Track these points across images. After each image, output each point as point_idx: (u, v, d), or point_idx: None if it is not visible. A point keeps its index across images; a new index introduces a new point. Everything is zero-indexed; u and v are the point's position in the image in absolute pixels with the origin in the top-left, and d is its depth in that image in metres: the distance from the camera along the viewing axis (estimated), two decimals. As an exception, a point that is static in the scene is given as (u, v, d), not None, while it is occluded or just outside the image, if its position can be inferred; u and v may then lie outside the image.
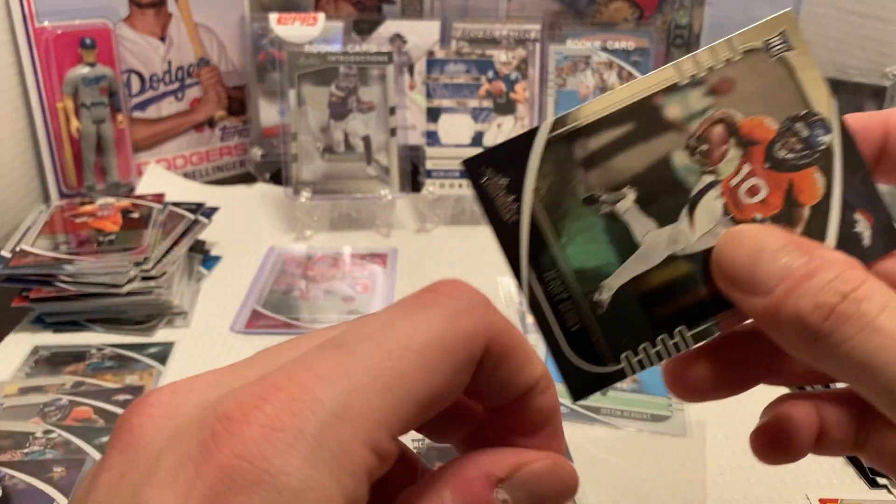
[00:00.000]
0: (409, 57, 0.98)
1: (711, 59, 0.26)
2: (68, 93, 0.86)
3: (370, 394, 0.19)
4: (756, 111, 0.26)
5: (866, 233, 0.26)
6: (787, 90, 0.26)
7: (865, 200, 0.26)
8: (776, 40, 0.27)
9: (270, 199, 0.94)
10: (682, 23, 1.03)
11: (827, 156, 0.26)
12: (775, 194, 0.26)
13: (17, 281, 0.67)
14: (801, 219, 0.26)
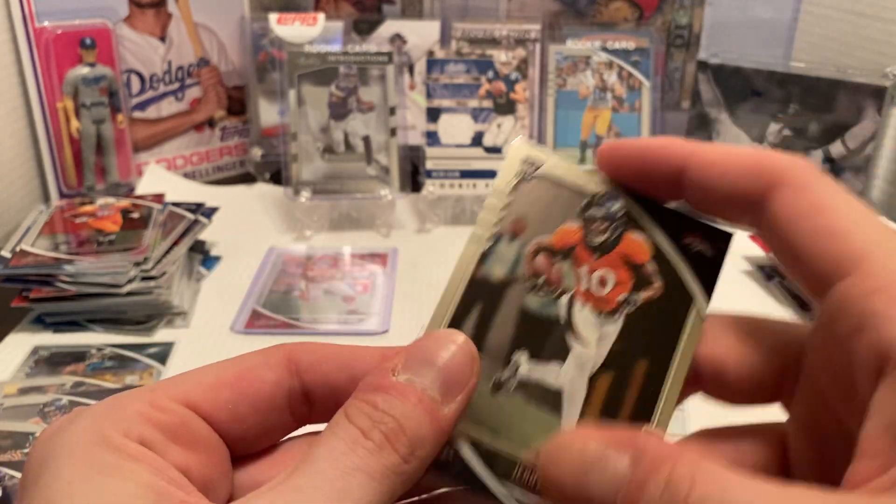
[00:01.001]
0: (409, 57, 0.98)
1: (492, 216, 0.28)
2: (68, 93, 0.86)
3: (148, 385, 0.24)
4: (555, 225, 0.28)
5: (702, 246, 0.27)
6: (563, 194, 0.28)
7: (682, 224, 0.27)
8: (526, 167, 0.28)
9: (270, 199, 0.94)
10: (682, 23, 1.03)
11: (629, 216, 0.27)
12: (620, 272, 0.27)
13: (17, 281, 0.67)
14: (653, 273, 0.27)
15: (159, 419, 0.22)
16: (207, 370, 0.24)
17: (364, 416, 0.22)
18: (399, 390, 0.23)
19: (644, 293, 0.27)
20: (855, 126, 0.82)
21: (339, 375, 0.25)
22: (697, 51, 1.03)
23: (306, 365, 0.25)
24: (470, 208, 0.91)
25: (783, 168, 0.23)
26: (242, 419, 0.24)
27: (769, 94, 0.86)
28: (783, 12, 1.00)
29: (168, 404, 0.23)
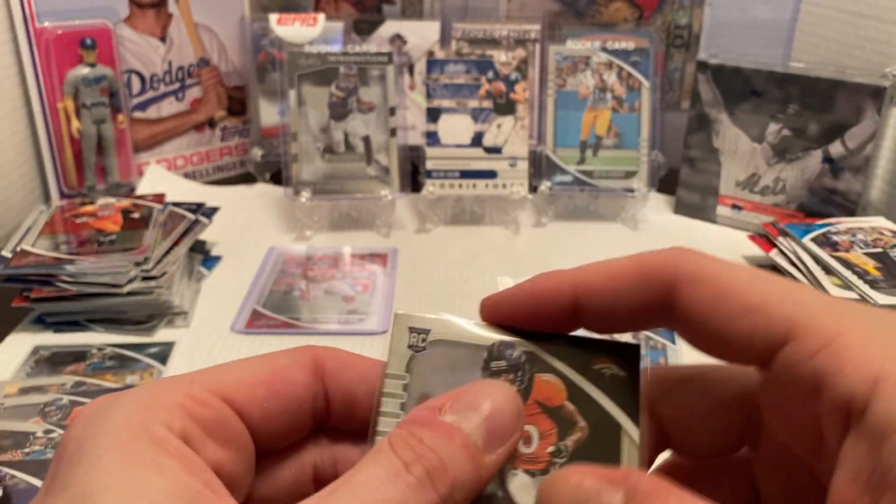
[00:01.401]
0: (409, 57, 0.98)
1: (396, 400, 0.26)
2: (69, 93, 0.86)
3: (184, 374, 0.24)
4: None
5: (613, 368, 0.26)
6: (461, 354, 0.26)
7: (586, 350, 0.26)
8: (414, 338, 0.26)
9: (271, 199, 0.94)
10: (682, 23, 1.03)
11: (532, 358, 0.26)
12: (541, 422, 0.26)
13: (17, 281, 0.67)
14: (574, 413, 0.26)
15: (199, 413, 0.23)
16: (242, 365, 0.25)
17: (408, 449, 0.22)
18: (445, 430, 0.23)
19: (571, 437, 0.26)
20: (854, 126, 0.82)
21: (359, 386, 0.26)
22: (697, 51, 1.03)
23: (331, 370, 0.26)
24: (470, 208, 0.91)
25: (669, 267, 0.23)
26: (273, 418, 0.25)
27: (768, 95, 0.86)
28: (783, 12, 1.00)
29: (207, 398, 0.23)
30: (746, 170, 0.90)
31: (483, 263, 0.81)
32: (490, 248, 0.85)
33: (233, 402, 0.24)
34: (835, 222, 0.79)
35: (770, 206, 0.89)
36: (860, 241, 0.75)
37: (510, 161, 0.88)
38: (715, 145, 0.91)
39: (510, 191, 0.88)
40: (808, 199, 0.87)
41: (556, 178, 0.90)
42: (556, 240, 0.88)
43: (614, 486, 0.22)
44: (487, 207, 0.90)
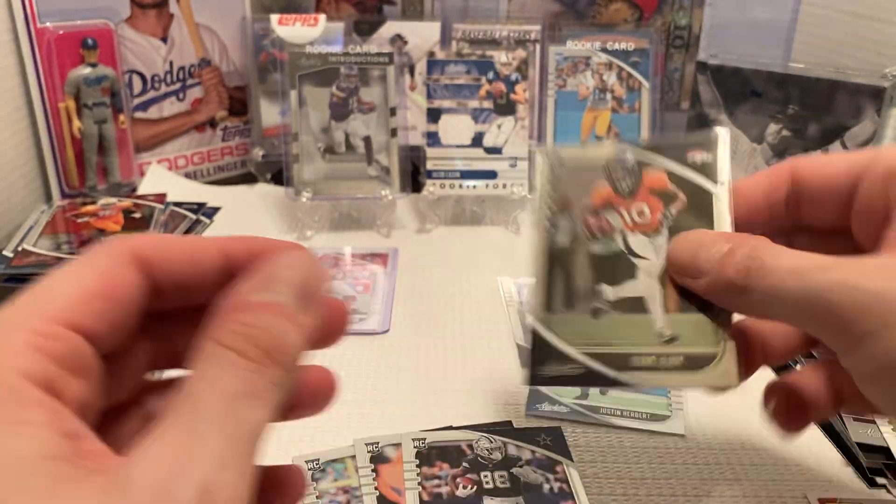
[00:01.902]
0: (410, 58, 0.99)
1: (542, 204, 0.39)
2: (70, 93, 0.86)
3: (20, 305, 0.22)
4: (590, 191, 0.38)
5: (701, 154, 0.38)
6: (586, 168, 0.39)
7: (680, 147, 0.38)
8: (553, 160, 0.39)
9: (271, 199, 0.94)
10: (682, 24, 1.03)
11: (640, 160, 0.38)
12: (651, 200, 0.37)
13: (18, 281, 0.67)
14: (675, 190, 0.37)
15: (52, 349, 0.21)
16: (68, 279, 0.23)
17: (237, 337, 0.22)
18: (261, 307, 0.23)
19: (674, 206, 0.37)
20: (854, 127, 0.82)
21: (185, 269, 0.25)
22: (697, 52, 1.03)
23: (154, 261, 0.25)
24: (470, 208, 0.91)
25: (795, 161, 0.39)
26: (116, 327, 0.24)
27: (768, 95, 0.86)
28: (782, 13, 1.00)
29: (55, 330, 0.22)
30: (746, 170, 0.90)
31: (483, 263, 0.81)
32: (490, 248, 0.85)
33: (77, 325, 0.22)
34: (834, 223, 0.79)
35: (770, 207, 0.89)
36: (859, 241, 0.75)
37: (510, 161, 0.88)
38: (715, 146, 0.91)
39: (510, 191, 0.88)
40: (808, 199, 0.87)
41: (556, 178, 0.90)
42: (556, 240, 0.88)
43: (725, 240, 0.33)
44: (487, 207, 0.90)
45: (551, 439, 0.44)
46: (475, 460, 0.40)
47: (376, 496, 0.50)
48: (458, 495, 0.37)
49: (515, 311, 0.71)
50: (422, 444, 0.43)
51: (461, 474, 0.38)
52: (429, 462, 0.38)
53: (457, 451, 0.40)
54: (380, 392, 0.60)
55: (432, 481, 0.38)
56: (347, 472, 0.52)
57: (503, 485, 0.38)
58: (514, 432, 0.44)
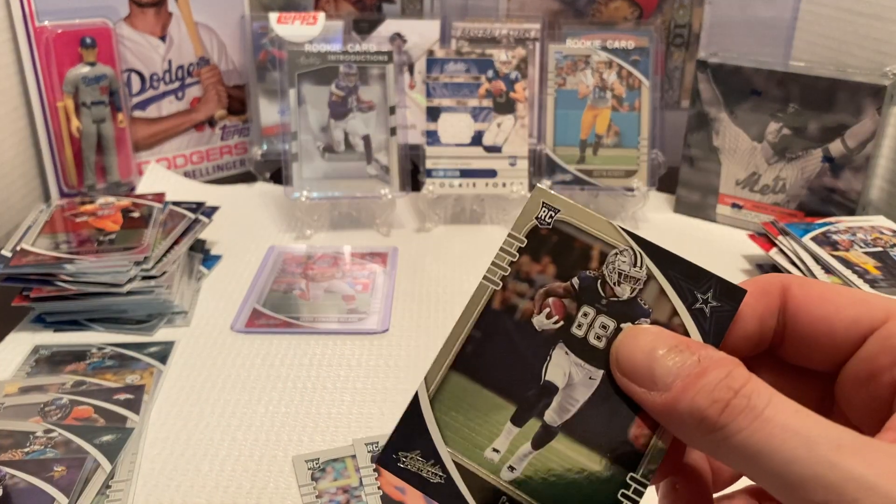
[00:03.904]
0: (409, 56, 0.98)
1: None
2: (69, 92, 0.86)
3: None
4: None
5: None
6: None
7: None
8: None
9: (271, 198, 0.94)
10: (682, 22, 1.03)
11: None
12: None
13: (17, 280, 0.67)
14: None
15: None
16: None
17: None
18: None
19: None
20: (854, 125, 0.82)
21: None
22: (697, 50, 1.03)
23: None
24: (469, 207, 0.91)
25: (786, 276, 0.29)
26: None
27: (768, 94, 0.86)
28: (783, 11, 1.00)
29: None
30: (746, 169, 0.90)
31: (483, 263, 0.80)
32: (490, 248, 0.84)
33: None
34: (835, 221, 0.79)
35: (770, 205, 0.89)
36: (860, 240, 0.75)
37: (510, 160, 0.88)
38: (715, 144, 0.91)
39: (510, 190, 0.88)
40: (808, 198, 0.87)
41: (555, 176, 0.90)
42: (556, 239, 0.87)
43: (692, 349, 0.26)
44: (487, 206, 0.90)
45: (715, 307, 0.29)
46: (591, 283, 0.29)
47: (380, 496, 0.50)
48: (534, 322, 0.28)
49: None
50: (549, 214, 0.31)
51: (559, 295, 0.28)
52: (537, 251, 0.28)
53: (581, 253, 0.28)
54: (379, 392, 0.60)
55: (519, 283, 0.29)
56: (347, 471, 0.52)
57: (597, 341, 0.28)
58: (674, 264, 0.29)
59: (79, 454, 0.52)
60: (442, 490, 0.27)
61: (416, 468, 0.27)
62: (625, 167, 0.90)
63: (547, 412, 0.28)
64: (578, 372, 0.28)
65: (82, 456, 0.52)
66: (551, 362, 0.28)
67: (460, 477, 0.27)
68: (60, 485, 0.49)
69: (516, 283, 0.29)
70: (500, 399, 0.28)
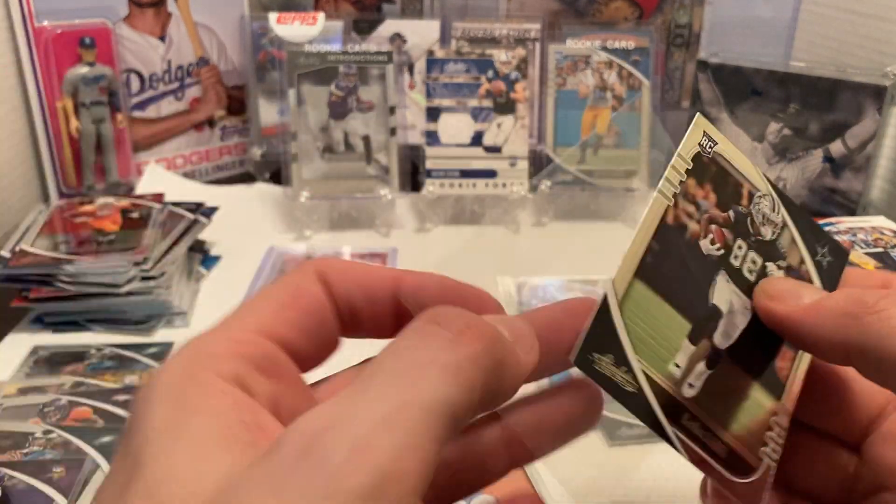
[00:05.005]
0: (409, 56, 0.98)
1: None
2: (68, 92, 0.86)
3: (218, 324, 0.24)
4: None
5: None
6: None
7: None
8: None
9: (270, 198, 0.94)
10: (682, 22, 1.03)
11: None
12: None
13: (16, 281, 0.67)
14: None
15: (246, 352, 0.22)
16: (263, 298, 0.25)
17: (444, 315, 0.22)
18: (486, 324, 0.22)
19: None
20: (855, 125, 0.82)
21: (358, 293, 0.26)
22: (697, 50, 1.03)
23: (332, 280, 0.26)
24: (470, 208, 0.91)
25: None
26: (309, 336, 0.25)
27: (769, 94, 0.85)
28: (783, 11, 1.00)
29: (250, 336, 0.23)
30: (747, 169, 0.90)
31: (483, 263, 0.80)
32: (490, 248, 0.84)
33: (271, 333, 0.24)
34: (835, 222, 0.79)
35: (770, 206, 0.89)
36: (861, 240, 0.75)
37: (510, 160, 0.88)
38: (715, 144, 0.90)
39: (510, 190, 0.88)
40: (809, 198, 0.86)
41: (556, 177, 0.90)
42: (556, 239, 0.87)
43: None
44: (487, 207, 0.90)
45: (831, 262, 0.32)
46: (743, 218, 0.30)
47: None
48: (701, 244, 0.29)
49: (516, 310, 0.71)
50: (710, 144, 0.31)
51: (720, 224, 0.29)
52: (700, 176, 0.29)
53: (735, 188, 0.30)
54: (379, 392, 0.60)
55: (687, 204, 0.29)
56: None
57: (749, 274, 0.29)
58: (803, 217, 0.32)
59: (78, 455, 0.52)
60: (635, 400, 0.27)
61: (611, 373, 0.27)
62: (625, 167, 0.90)
63: (716, 334, 0.29)
64: (737, 300, 0.29)
65: (81, 457, 0.52)
66: (716, 287, 0.29)
67: (650, 388, 0.27)
68: (59, 486, 0.49)
69: (685, 203, 0.29)
70: (678, 314, 0.28)
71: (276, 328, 0.24)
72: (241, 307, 0.25)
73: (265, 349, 0.23)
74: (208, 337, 0.23)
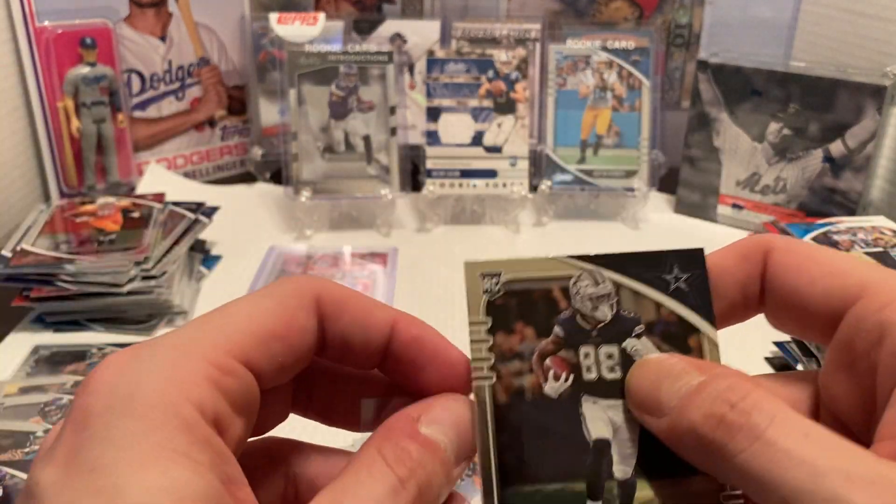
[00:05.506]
0: (410, 56, 0.98)
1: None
2: (69, 92, 0.86)
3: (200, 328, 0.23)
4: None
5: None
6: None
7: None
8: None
9: (271, 198, 0.94)
10: (682, 22, 1.03)
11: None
12: None
13: (17, 280, 0.67)
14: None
15: (226, 385, 0.22)
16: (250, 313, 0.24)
17: (401, 464, 0.23)
18: (429, 445, 0.24)
19: None
20: (855, 125, 0.82)
21: (353, 330, 0.26)
22: (697, 50, 1.03)
23: (329, 312, 0.25)
24: (470, 208, 0.91)
25: (764, 241, 0.26)
26: (284, 371, 0.24)
27: (769, 94, 0.86)
28: (783, 12, 1.00)
29: (232, 365, 0.22)
30: (747, 169, 0.90)
31: (483, 263, 0.80)
32: (490, 248, 0.84)
33: (251, 363, 0.23)
34: (835, 221, 0.79)
35: (771, 206, 0.89)
36: (861, 240, 0.75)
37: (510, 160, 0.88)
38: (715, 144, 0.91)
39: (510, 190, 0.88)
40: (809, 198, 0.86)
41: (556, 177, 0.90)
42: (556, 239, 0.87)
43: (698, 370, 0.24)
44: (487, 207, 0.90)
45: (688, 278, 0.27)
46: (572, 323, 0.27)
47: None
48: (547, 392, 0.26)
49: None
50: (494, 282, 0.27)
51: (552, 352, 0.26)
52: (506, 323, 0.26)
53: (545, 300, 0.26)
54: (379, 392, 0.60)
55: (510, 363, 0.26)
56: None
57: (612, 374, 0.26)
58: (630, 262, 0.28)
59: (79, 454, 0.52)
60: None
61: None
62: (625, 167, 0.90)
63: (614, 469, 0.26)
64: (616, 412, 0.26)
65: (82, 456, 0.52)
66: (587, 419, 0.26)
67: None
68: (60, 485, 0.49)
69: (506, 365, 0.26)
70: (568, 484, 0.26)
71: (259, 359, 0.23)
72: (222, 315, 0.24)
73: (245, 382, 0.23)
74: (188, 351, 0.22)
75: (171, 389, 0.21)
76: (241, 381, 0.22)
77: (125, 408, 0.20)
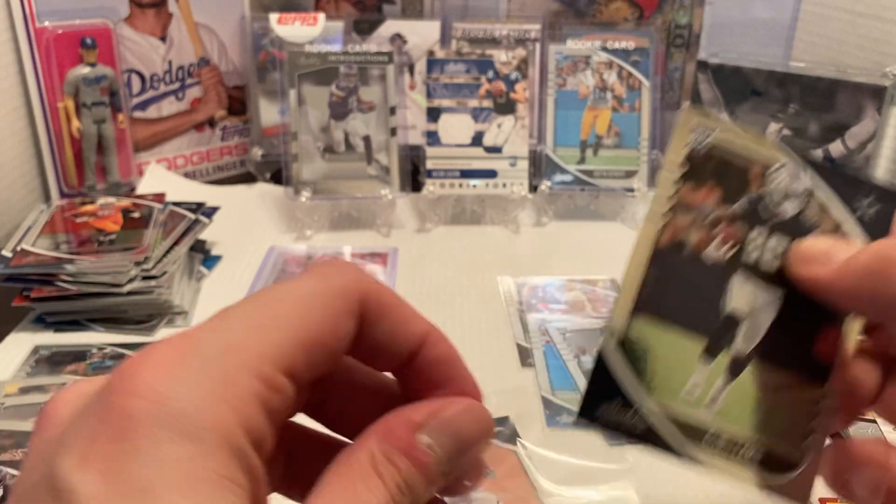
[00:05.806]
0: (410, 57, 0.98)
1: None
2: (69, 93, 0.86)
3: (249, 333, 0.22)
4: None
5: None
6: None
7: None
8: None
9: (271, 198, 0.94)
10: (682, 23, 1.03)
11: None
12: None
13: (17, 280, 0.67)
14: None
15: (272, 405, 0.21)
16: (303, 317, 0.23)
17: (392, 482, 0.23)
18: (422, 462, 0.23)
19: None
20: (854, 126, 0.82)
21: (387, 337, 0.26)
22: (697, 50, 1.03)
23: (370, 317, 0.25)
24: (470, 208, 0.91)
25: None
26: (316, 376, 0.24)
27: (769, 94, 0.86)
28: (783, 12, 1.00)
29: (278, 381, 0.22)
30: (747, 169, 0.90)
31: (483, 263, 0.80)
32: (490, 248, 0.85)
33: (295, 374, 0.22)
34: (835, 222, 0.79)
35: (770, 206, 0.89)
36: (860, 240, 0.75)
37: (510, 160, 0.88)
38: (715, 145, 0.91)
39: (510, 190, 0.88)
40: (809, 198, 0.87)
41: (556, 177, 0.90)
42: (556, 239, 0.88)
43: None
44: (487, 207, 0.90)
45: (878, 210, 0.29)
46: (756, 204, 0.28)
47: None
48: (706, 254, 0.27)
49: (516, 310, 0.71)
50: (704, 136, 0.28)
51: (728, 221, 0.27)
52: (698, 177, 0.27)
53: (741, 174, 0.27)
54: (379, 392, 0.60)
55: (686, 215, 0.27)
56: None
57: (772, 262, 0.28)
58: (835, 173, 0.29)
59: (79, 454, 0.52)
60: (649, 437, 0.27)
61: (619, 418, 0.27)
62: (625, 168, 0.90)
63: (734, 343, 0.28)
64: (759, 297, 0.28)
65: (82, 456, 0.52)
66: (732, 292, 0.28)
67: (664, 421, 0.27)
68: (60, 485, 0.49)
69: (681, 215, 0.28)
70: (688, 336, 0.28)
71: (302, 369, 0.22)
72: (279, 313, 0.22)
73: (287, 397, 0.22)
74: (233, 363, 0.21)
75: (225, 411, 0.20)
76: (284, 395, 0.22)
77: (177, 425, 0.19)
